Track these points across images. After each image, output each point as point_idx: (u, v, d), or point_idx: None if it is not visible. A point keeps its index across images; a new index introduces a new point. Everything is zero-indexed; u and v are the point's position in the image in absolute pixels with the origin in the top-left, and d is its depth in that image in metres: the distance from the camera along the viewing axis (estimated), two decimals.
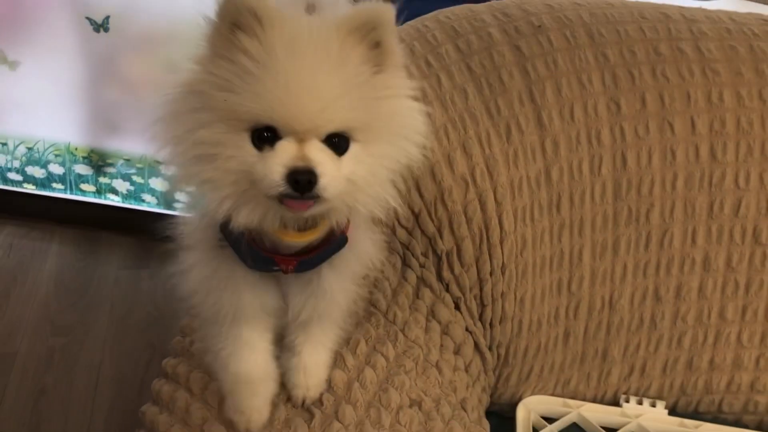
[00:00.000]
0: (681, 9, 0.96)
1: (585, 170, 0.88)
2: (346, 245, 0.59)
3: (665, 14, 0.94)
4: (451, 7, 0.97)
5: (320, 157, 0.48)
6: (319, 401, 0.66)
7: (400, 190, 0.54)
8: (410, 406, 0.70)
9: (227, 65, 0.48)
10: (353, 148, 0.50)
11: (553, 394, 0.93)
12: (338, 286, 0.62)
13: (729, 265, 0.90)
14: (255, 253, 0.56)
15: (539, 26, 0.92)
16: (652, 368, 0.93)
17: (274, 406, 0.64)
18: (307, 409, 0.65)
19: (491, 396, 0.91)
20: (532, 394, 0.93)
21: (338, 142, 0.49)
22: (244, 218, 0.51)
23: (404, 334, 0.77)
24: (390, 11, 0.50)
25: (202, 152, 0.50)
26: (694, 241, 0.90)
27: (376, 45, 0.50)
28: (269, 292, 0.60)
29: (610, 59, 0.90)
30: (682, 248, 0.90)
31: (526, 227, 0.87)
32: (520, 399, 0.92)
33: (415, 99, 0.53)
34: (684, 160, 0.89)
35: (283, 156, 0.48)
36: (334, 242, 0.58)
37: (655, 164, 0.88)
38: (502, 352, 0.88)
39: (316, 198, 0.49)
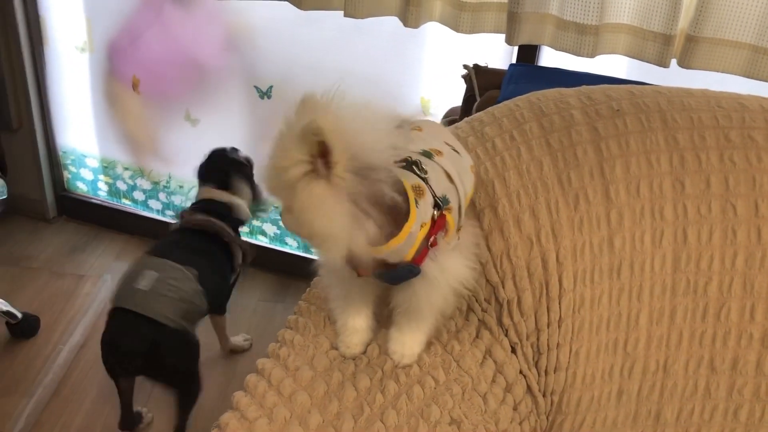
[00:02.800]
0: (760, 99, 1.03)
1: (647, 241, 0.96)
2: (421, 275, 0.77)
3: (742, 104, 1.02)
4: (543, 90, 1.11)
5: None
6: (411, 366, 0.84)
7: None
8: (449, 424, 0.81)
9: None
10: None
11: None
12: (425, 296, 0.80)
13: None
14: None
15: (618, 110, 1.03)
16: None
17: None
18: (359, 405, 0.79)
19: None
20: None
21: None
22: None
23: (458, 364, 0.88)
24: None
25: None
26: (752, 317, 0.94)
27: None
28: (371, 288, 0.83)
29: (679, 143, 0.98)
30: (740, 322, 0.94)
31: (585, 287, 0.96)
32: None
33: None
34: (745, 240, 0.94)
35: None
36: (401, 269, 0.75)
37: (716, 242, 0.95)
38: (556, 399, 0.97)
39: None
